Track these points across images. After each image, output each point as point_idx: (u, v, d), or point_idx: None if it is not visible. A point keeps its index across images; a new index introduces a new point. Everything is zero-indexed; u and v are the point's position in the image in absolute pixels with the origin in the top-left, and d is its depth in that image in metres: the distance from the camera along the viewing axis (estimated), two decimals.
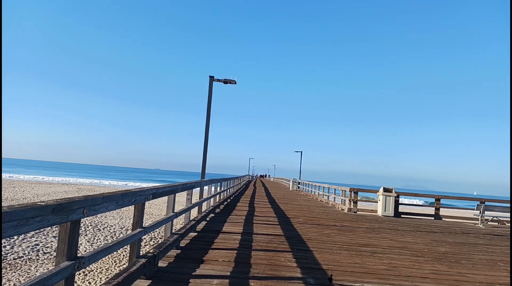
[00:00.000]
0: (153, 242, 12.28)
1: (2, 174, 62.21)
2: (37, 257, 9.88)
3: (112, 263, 9.69)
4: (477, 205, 15.80)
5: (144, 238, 12.25)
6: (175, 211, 6.66)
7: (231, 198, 19.93)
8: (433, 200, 18.58)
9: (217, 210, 13.23)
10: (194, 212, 10.12)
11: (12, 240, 11.19)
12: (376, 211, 17.26)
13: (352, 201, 17.71)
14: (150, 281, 4.61)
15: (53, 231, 12.82)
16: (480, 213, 15.47)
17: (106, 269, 9.21)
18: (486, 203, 16.02)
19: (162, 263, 5.48)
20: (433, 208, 17.81)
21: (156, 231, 13.60)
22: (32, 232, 12.16)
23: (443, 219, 17.02)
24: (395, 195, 16.66)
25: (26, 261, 9.45)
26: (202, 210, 10.55)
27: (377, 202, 17.57)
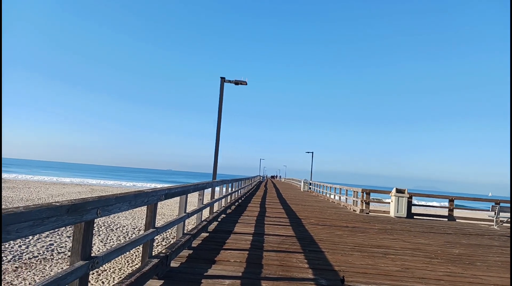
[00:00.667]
0: (165, 242, 12.36)
1: (4, 174, 63.23)
2: (52, 257, 10.02)
3: (125, 263, 9.78)
4: (492, 206, 15.56)
5: (156, 238, 12.34)
6: (187, 211, 6.70)
7: (242, 198, 19.96)
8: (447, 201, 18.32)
9: (229, 211, 13.26)
10: (205, 213, 10.17)
11: (27, 240, 11.38)
12: (388, 212, 17.11)
13: (364, 202, 17.58)
14: (163, 281, 4.65)
15: (67, 231, 13.00)
16: (495, 214, 15.22)
17: (119, 269, 9.30)
18: (501, 204, 15.76)
19: (174, 263, 5.51)
20: (447, 209, 17.60)
21: (168, 232, 13.68)
22: (47, 232, 12.34)
23: (456, 220, 16.79)
24: (408, 196, 16.50)
25: (41, 261, 9.59)
26: (214, 211, 10.59)
27: (389, 203, 17.42)
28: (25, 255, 9.93)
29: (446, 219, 16.79)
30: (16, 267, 8.90)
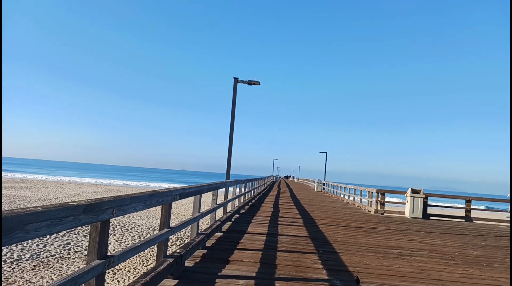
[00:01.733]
0: (179, 242, 12.45)
1: (21, 175, 64.39)
2: (68, 256, 10.19)
3: (140, 263, 9.89)
4: (511, 207, 15.23)
5: (171, 238, 12.43)
6: (201, 211, 6.73)
7: (256, 198, 19.97)
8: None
9: (242, 211, 13.28)
10: (219, 213, 10.20)
11: (45, 239, 11.59)
12: (403, 212, 16.91)
13: (379, 203, 17.41)
14: (177, 280, 4.68)
15: (83, 230, 13.19)
16: None
17: (134, 268, 9.40)
18: None
19: (188, 263, 5.54)
20: (463, 210, 17.30)
21: (182, 231, 13.77)
22: (64, 231, 12.54)
23: (474, 221, 16.49)
24: (424, 196, 16.27)
25: (58, 259, 9.76)
26: (227, 211, 10.61)
27: (404, 203, 17.22)
28: (42, 253, 10.12)
29: (463, 220, 16.50)
30: (34, 265, 9.07)
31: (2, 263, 8.94)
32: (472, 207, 17.16)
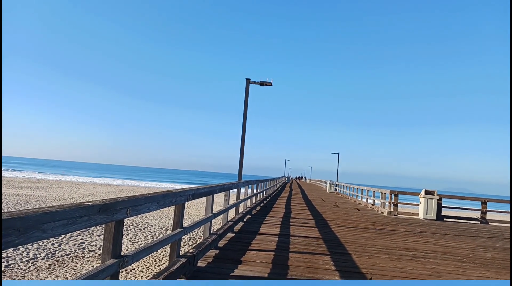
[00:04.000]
0: (192, 242, 12.51)
1: (37, 175, 65.40)
2: (83, 255, 10.32)
3: (152, 262, 9.96)
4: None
5: (183, 238, 12.50)
6: (214, 211, 6.76)
7: (268, 199, 19.95)
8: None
9: (254, 211, 13.28)
10: (231, 213, 10.22)
11: (60, 238, 11.76)
12: (417, 214, 16.72)
13: (392, 204, 17.25)
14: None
15: (97, 230, 13.35)
16: None
17: (146, 267, 9.47)
18: None
19: (201, 263, 5.56)
20: (479, 212, 17.02)
21: (194, 231, 13.84)
22: (78, 231, 12.71)
23: (490, 223, 16.21)
24: (437, 197, 16.07)
25: (72, 258, 9.89)
26: (239, 211, 10.63)
27: (418, 205, 17.03)
28: (57, 252, 10.27)
29: (478, 222, 16.23)
30: (49, 264, 9.21)
31: (19, 261, 9.11)
32: (487, 209, 16.88)
